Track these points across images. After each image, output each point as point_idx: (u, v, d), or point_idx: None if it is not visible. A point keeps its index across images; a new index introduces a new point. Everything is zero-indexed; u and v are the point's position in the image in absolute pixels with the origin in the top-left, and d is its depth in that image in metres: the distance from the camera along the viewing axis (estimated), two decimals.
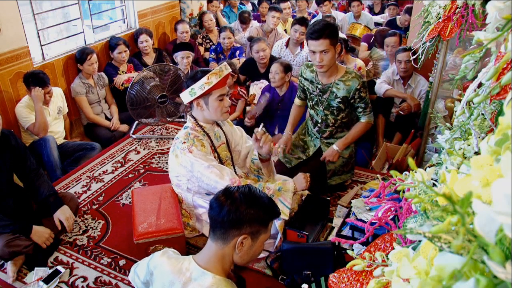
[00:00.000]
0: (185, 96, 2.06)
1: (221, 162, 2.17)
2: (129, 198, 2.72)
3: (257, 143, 2.13)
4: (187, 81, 2.05)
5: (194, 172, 2.02)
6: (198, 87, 1.99)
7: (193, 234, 2.26)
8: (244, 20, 4.98)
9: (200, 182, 2.05)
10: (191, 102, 2.09)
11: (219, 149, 2.20)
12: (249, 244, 1.29)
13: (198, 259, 1.31)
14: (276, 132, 3.52)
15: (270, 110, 3.50)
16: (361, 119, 2.56)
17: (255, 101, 3.70)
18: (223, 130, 2.27)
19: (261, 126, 2.16)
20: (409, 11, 4.73)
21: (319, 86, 2.51)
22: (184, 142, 2.04)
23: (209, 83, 1.98)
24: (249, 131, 3.56)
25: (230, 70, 2.08)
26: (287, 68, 3.30)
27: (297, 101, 2.78)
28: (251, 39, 4.13)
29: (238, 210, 1.25)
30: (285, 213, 2.05)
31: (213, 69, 2.04)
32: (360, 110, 2.52)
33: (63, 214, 2.28)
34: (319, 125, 2.66)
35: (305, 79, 2.60)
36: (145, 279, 1.43)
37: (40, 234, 2.18)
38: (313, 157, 2.72)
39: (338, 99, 2.47)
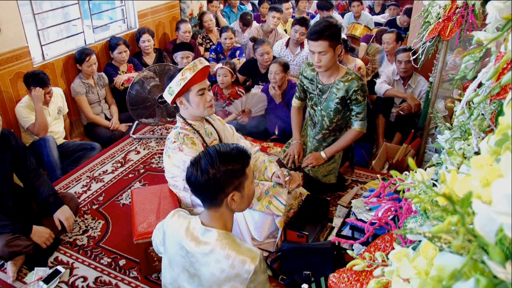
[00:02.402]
0: (167, 96, 2.08)
1: None
2: (129, 198, 2.72)
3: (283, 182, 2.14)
4: (167, 81, 2.07)
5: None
6: (175, 85, 2.01)
7: None
8: (246, 22, 4.98)
9: None
10: (175, 102, 2.10)
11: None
12: (239, 196, 1.37)
13: (203, 219, 1.41)
14: (276, 132, 3.52)
15: (269, 109, 3.50)
16: (353, 125, 2.51)
17: None
18: (214, 127, 2.27)
19: (286, 171, 2.19)
20: (407, 13, 4.74)
21: (319, 85, 2.51)
22: (175, 142, 2.05)
23: (184, 78, 1.99)
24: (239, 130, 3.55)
25: (206, 64, 2.07)
26: (286, 67, 3.31)
27: (295, 102, 2.76)
28: (254, 40, 4.12)
29: (211, 178, 1.30)
30: (280, 210, 2.05)
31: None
32: (353, 113, 2.48)
33: (63, 214, 2.28)
34: (316, 126, 2.66)
35: (305, 77, 2.59)
36: (162, 239, 1.52)
37: (40, 234, 2.18)
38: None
39: (337, 100, 2.46)
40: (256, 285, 1.32)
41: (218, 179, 1.31)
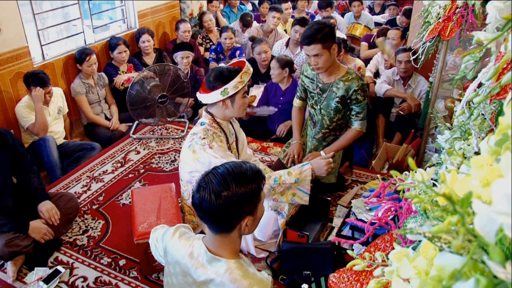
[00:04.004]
0: (214, 97, 2.01)
1: None
2: (129, 198, 2.72)
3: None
4: (212, 82, 2.00)
5: None
6: (232, 87, 1.97)
7: (196, 232, 2.26)
8: (246, 23, 4.98)
9: None
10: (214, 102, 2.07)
11: (232, 147, 2.20)
12: (252, 219, 1.27)
13: (208, 244, 1.29)
14: (276, 128, 3.54)
15: (272, 104, 3.52)
16: (353, 125, 2.50)
17: (255, 103, 3.72)
18: (234, 128, 2.27)
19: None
20: (406, 13, 4.74)
21: (320, 85, 2.51)
22: (204, 138, 2.00)
23: (242, 81, 1.98)
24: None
25: (252, 70, 2.10)
26: (284, 64, 3.34)
27: (297, 102, 2.76)
28: (253, 39, 4.13)
29: (226, 203, 1.19)
30: (305, 200, 2.07)
31: (233, 66, 2.04)
32: (353, 113, 2.48)
33: (43, 206, 2.29)
34: (316, 125, 2.66)
35: (306, 76, 2.59)
36: (163, 255, 1.44)
37: (38, 230, 2.19)
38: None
39: (337, 99, 2.46)
40: None
41: (233, 203, 1.19)
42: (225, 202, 1.18)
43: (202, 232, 2.25)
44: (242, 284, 1.21)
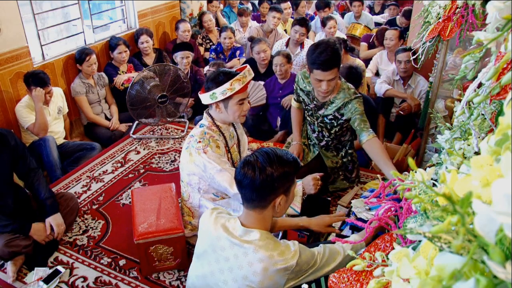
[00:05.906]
0: (205, 98, 2.02)
1: (233, 163, 2.16)
2: (129, 198, 2.72)
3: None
4: (208, 83, 2.00)
5: (206, 173, 2.01)
6: (220, 92, 1.95)
7: (193, 233, 2.26)
8: (241, 13, 4.98)
9: (211, 182, 2.05)
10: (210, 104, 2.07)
11: (232, 150, 2.19)
12: (285, 200, 1.43)
13: (243, 220, 1.44)
14: (278, 124, 3.55)
15: (271, 98, 3.52)
16: (364, 138, 2.23)
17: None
18: (236, 131, 2.26)
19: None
20: (405, 14, 4.75)
21: (315, 102, 2.48)
22: (200, 142, 2.00)
23: (231, 89, 1.94)
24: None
25: (253, 75, 2.07)
26: (289, 58, 3.41)
27: (295, 103, 2.74)
28: (252, 40, 4.14)
29: (268, 177, 1.34)
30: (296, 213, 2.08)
31: (236, 71, 2.01)
32: (357, 123, 2.26)
33: (55, 220, 2.28)
34: (316, 133, 2.65)
35: (301, 89, 2.55)
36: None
37: (40, 233, 2.19)
38: (314, 160, 2.71)
39: (331, 116, 2.44)
40: (300, 268, 1.38)
41: (274, 178, 1.35)
42: (267, 177, 1.34)
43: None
44: (274, 251, 1.35)
